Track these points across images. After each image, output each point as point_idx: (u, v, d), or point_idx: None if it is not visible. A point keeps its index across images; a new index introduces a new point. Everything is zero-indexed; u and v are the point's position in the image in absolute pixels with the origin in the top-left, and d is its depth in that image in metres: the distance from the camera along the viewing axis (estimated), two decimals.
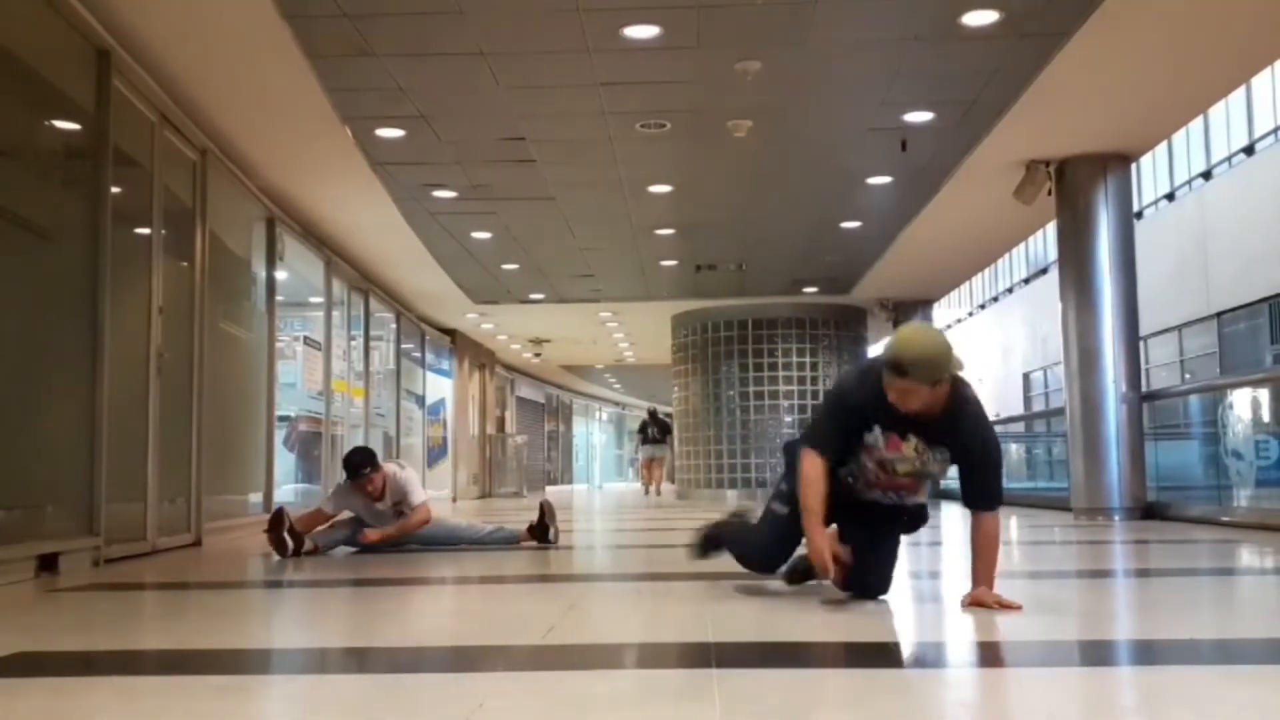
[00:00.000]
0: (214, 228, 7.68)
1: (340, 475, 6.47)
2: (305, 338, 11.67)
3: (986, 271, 22.81)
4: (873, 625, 3.12)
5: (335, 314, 11.74)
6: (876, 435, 3.54)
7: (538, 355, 21.84)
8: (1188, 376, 16.95)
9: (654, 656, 2.93)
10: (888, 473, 3.60)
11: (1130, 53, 6.78)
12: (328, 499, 6.48)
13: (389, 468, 6.38)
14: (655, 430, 20.14)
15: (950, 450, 3.52)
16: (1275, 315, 15.01)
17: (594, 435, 39.84)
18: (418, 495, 6.30)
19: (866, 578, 3.71)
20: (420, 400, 17.04)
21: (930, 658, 2.76)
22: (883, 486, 3.65)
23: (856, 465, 3.62)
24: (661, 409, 21.41)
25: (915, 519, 3.79)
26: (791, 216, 10.82)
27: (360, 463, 6.18)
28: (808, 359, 15.64)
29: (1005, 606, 3.34)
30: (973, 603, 3.41)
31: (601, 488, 32.43)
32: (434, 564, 5.70)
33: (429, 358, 17.67)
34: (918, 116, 7.79)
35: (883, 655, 2.78)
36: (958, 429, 3.48)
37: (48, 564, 5.06)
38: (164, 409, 6.55)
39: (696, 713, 2.14)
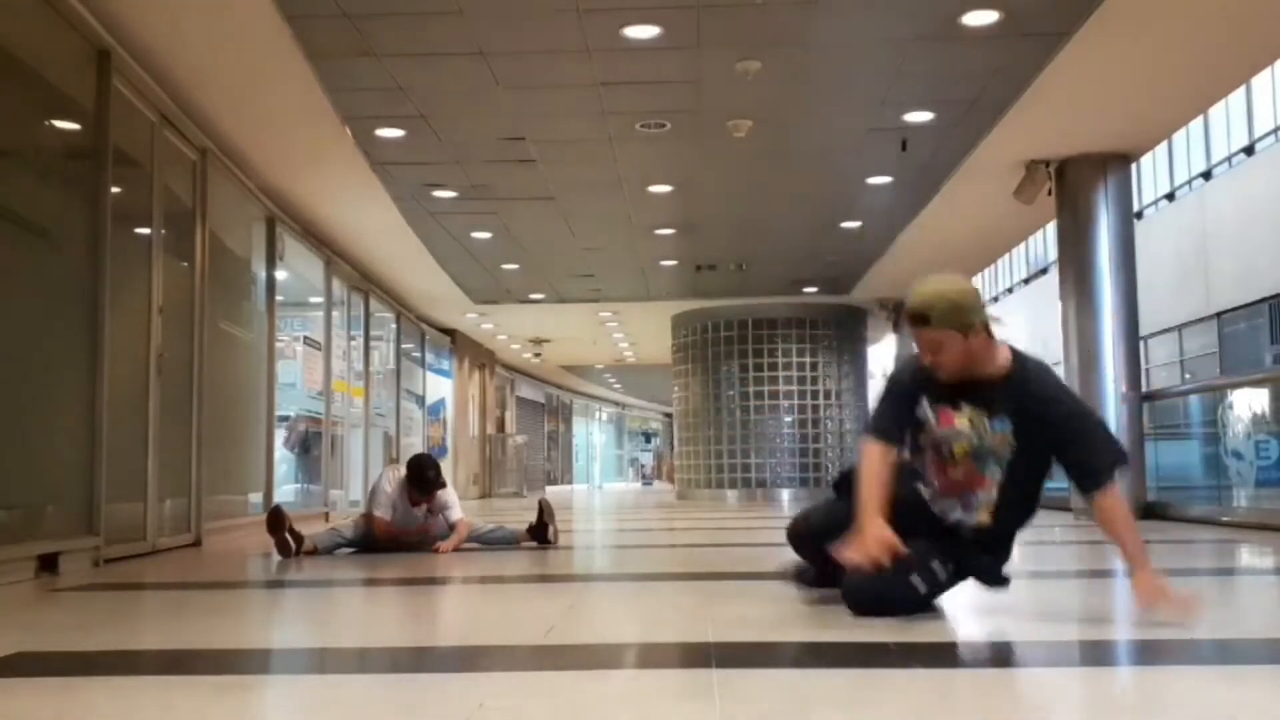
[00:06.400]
0: (214, 227, 7.68)
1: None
2: (305, 337, 11.68)
3: (986, 271, 22.81)
4: (873, 625, 3.11)
5: (335, 314, 11.74)
6: (926, 409, 3.13)
7: (538, 355, 21.84)
8: (1188, 376, 16.94)
9: (654, 656, 2.93)
10: (944, 462, 3.16)
11: (1130, 53, 6.77)
12: (381, 505, 6.24)
13: None
14: None
15: (1016, 420, 3.04)
16: (1275, 315, 15.00)
17: (594, 435, 39.85)
18: (457, 511, 6.43)
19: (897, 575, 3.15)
20: (420, 400, 17.04)
21: (930, 657, 2.76)
22: (946, 487, 3.17)
23: (922, 463, 3.23)
24: None
25: (991, 571, 3.25)
26: (791, 216, 10.83)
27: (435, 479, 6.27)
28: (808, 359, 15.64)
29: (1182, 605, 2.97)
30: (1144, 597, 2.99)
31: (601, 487, 32.45)
32: (434, 564, 5.70)
33: (429, 358, 17.67)
34: (918, 116, 7.79)
35: (883, 655, 2.78)
36: (1020, 392, 3.01)
37: (48, 564, 5.06)
38: (164, 409, 6.54)
39: (696, 713, 2.14)
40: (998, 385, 3.04)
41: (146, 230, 6.55)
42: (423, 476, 6.24)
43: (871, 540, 2.99)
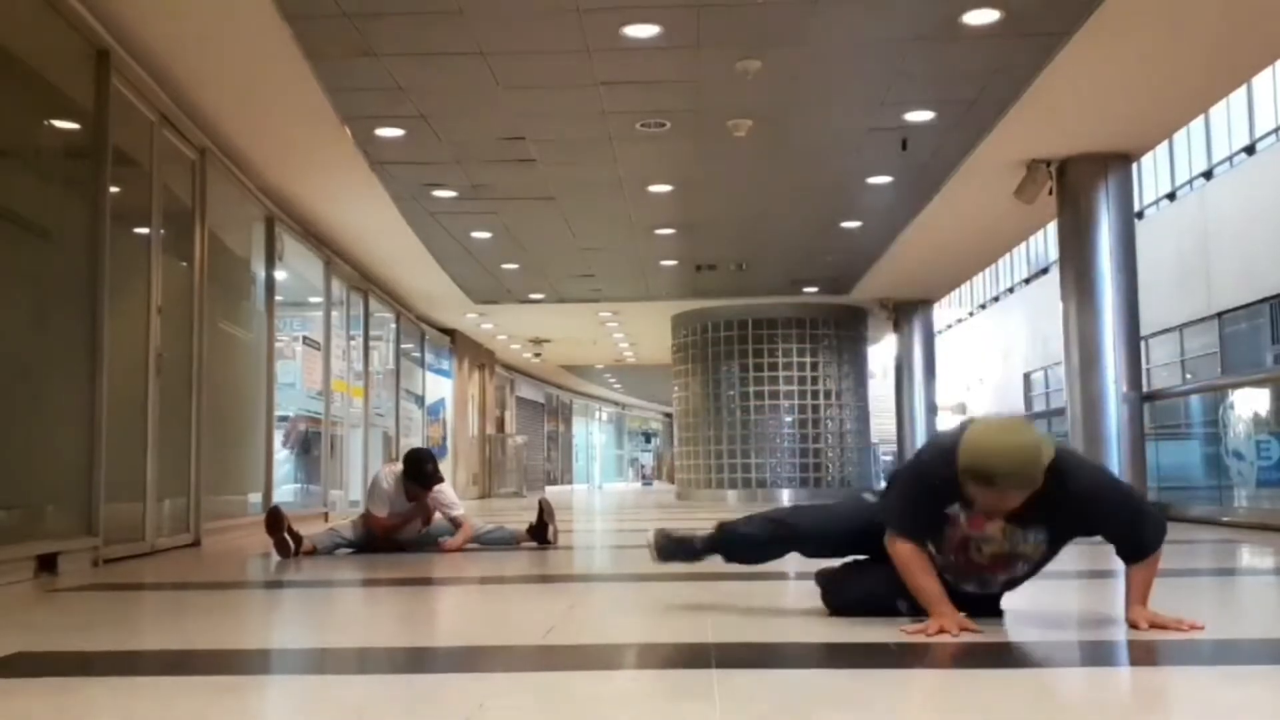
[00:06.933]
0: (213, 227, 7.68)
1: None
2: (304, 337, 11.68)
3: (987, 271, 22.81)
4: (872, 625, 3.11)
5: (334, 314, 11.74)
6: (958, 510, 3.06)
7: (538, 355, 21.84)
8: (1189, 376, 16.94)
9: (654, 656, 2.93)
10: (969, 553, 3.10)
11: (1131, 52, 6.77)
12: (378, 503, 6.24)
13: None
14: None
15: (1051, 528, 3.05)
16: (1276, 315, 15.00)
17: (594, 435, 39.85)
18: (458, 509, 6.41)
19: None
20: (420, 400, 17.04)
21: (929, 658, 2.76)
22: (968, 572, 3.13)
23: (942, 540, 3.13)
24: None
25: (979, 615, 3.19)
26: (791, 216, 10.82)
27: (434, 472, 6.25)
28: (808, 359, 15.64)
29: (1175, 627, 2.96)
30: (1147, 624, 2.98)
31: (601, 487, 32.46)
32: (434, 564, 5.70)
33: (429, 358, 17.67)
34: (918, 116, 7.78)
35: (882, 655, 2.77)
36: (1056, 502, 2.94)
37: (47, 564, 5.06)
38: (163, 409, 6.54)
39: (696, 713, 2.14)
40: (1032, 498, 2.93)
41: (146, 230, 6.54)
42: (421, 469, 6.24)
43: (951, 625, 2.96)
